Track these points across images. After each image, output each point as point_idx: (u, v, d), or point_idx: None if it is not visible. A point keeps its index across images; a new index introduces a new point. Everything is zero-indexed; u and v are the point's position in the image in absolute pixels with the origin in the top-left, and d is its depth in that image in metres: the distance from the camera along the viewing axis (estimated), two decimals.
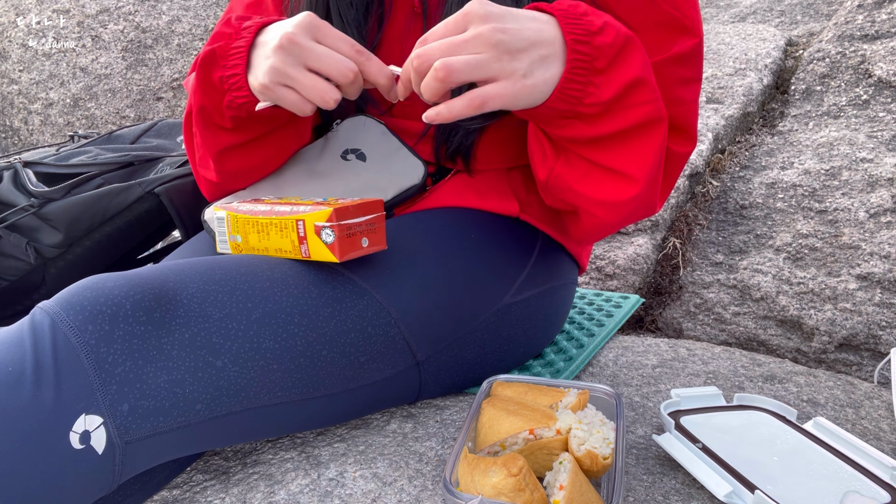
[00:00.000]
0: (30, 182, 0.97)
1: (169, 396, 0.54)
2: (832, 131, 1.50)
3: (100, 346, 0.51)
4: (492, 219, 0.80)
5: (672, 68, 0.70)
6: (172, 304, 0.55)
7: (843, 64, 1.63)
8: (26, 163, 1.01)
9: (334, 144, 0.79)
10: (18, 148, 2.20)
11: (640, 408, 0.80)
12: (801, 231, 1.30)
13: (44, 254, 0.95)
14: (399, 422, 0.74)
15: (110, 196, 0.96)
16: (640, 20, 0.69)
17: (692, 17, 0.70)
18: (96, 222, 0.96)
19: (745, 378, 0.88)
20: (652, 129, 0.62)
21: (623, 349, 1.00)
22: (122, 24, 2.13)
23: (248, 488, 0.62)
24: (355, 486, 0.61)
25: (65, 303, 0.52)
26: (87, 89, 2.11)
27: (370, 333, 0.65)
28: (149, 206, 0.98)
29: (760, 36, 1.93)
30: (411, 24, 0.74)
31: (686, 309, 1.33)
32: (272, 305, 0.60)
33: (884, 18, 1.64)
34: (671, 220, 1.48)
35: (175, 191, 0.98)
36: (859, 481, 0.59)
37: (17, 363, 0.49)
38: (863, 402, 0.84)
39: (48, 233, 0.94)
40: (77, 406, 0.49)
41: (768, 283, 1.26)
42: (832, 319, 1.16)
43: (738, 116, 1.67)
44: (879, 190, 1.29)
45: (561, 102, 0.58)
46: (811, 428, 0.68)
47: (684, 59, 0.70)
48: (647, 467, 0.66)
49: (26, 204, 0.94)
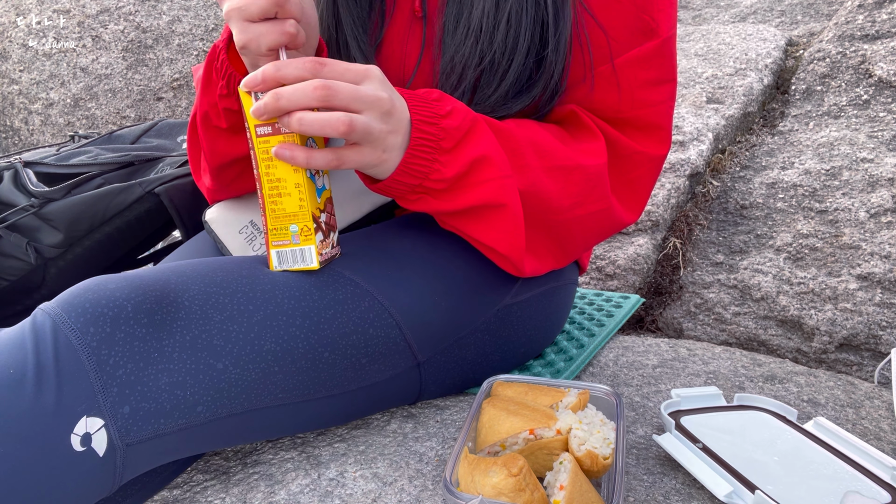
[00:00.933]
0: (30, 182, 0.97)
1: (170, 398, 0.54)
2: (833, 131, 1.50)
3: (101, 348, 0.51)
4: None
5: (632, 70, 0.71)
6: (174, 307, 0.56)
7: (843, 64, 1.63)
8: (27, 163, 1.01)
9: None
10: (19, 148, 2.20)
11: (641, 408, 0.80)
12: (802, 231, 1.30)
13: (44, 254, 0.95)
14: (399, 422, 0.74)
15: (110, 196, 0.96)
16: (608, 18, 0.70)
17: (657, 18, 0.70)
18: (96, 222, 0.96)
19: (745, 378, 0.88)
20: (504, 208, 0.65)
21: (623, 349, 1.00)
22: (123, 25, 2.13)
23: (249, 488, 0.62)
24: (355, 486, 0.61)
25: (66, 304, 0.52)
26: (88, 89, 2.11)
27: (371, 335, 0.65)
28: (149, 206, 0.98)
29: (761, 36, 1.93)
30: (411, 27, 0.74)
31: (686, 309, 1.33)
32: (273, 307, 0.60)
33: (884, 18, 1.64)
34: (671, 219, 1.48)
35: (175, 191, 0.98)
36: (860, 481, 0.59)
37: (19, 365, 0.49)
38: (863, 402, 0.84)
39: (48, 233, 0.95)
40: (78, 408, 0.49)
41: (769, 283, 1.26)
42: (832, 319, 1.16)
43: (738, 116, 1.67)
44: (880, 190, 1.29)
45: (407, 176, 0.61)
46: (811, 428, 0.68)
47: (644, 60, 0.71)
48: (648, 467, 0.66)
49: (27, 204, 0.94)
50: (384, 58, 0.75)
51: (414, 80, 0.74)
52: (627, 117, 0.73)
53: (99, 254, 1.00)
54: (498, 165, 0.63)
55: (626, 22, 0.70)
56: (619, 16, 0.70)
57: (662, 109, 0.73)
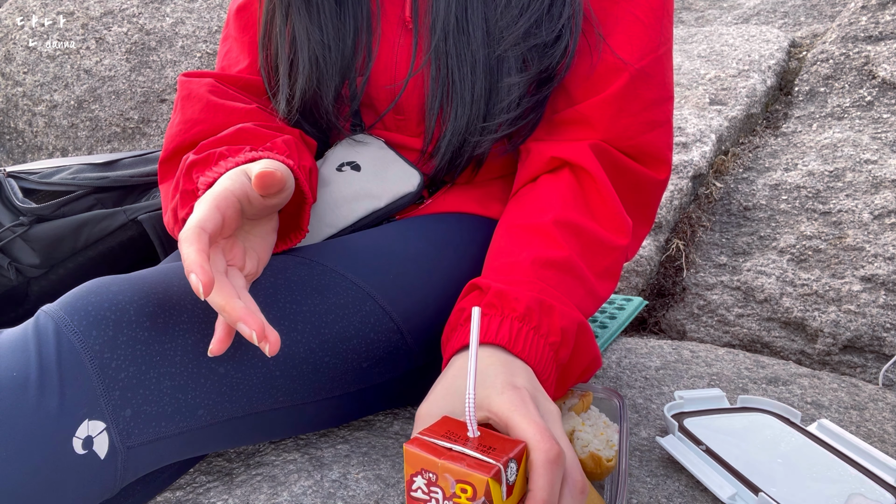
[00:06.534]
0: (16, 197, 0.93)
1: (171, 402, 0.54)
2: (836, 133, 1.50)
3: (104, 351, 0.51)
4: (493, 224, 0.80)
5: (610, 109, 0.69)
6: (176, 310, 0.56)
7: (846, 65, 1.63)
8: (11, 174, 0.97)
9: (332, 160, 0.79)
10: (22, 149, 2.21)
11: (644, 410, 0.79)
12: (805, 233, 1.30)
13: (25, 273, 0.93)
14: (402, 423, 0.74)
15: (93, 222, 0.93)
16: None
17: (620, 56, 0.69)
18: (78, 246, 0.93)
19: (748, 380, 0.88)
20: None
21: (626, 351, 1.00)
22: (126, 27, 2.14)
23: (252, 489, 0.62)
24: (358, 487, 0.61)
25: (69, 307, 0.52)
26: (91, 91, 2.11)
27: (373, 339, 0.65)
28: (132, 233, 0.95)
29: (764, 37, 1.93)
30: (401, 38, 0.74)
31: (689, 311, 1.32)
32: (275, 311, 0.60)
33: (888, 20, 1.64)
34: (674, 221, 1.48)
35: (160, 219, 0.94)
36: (863, 484, 0.59)
37: (22, 368, 0.49)
38: (867, 404, 0.83)
39: (28, 253, 0.92)
40: (80, 412, 0.49)
41: (772, 284, 1.25)
42: (836, 321, 1.16)
43: (741, 118, 1.67)
44: (884, 191, 1.28)
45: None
46: (815, 430, 0.68)
47: (620, 98, 0.69)
48: (651, 469, 0.66)
49: (15, 224, 0.92)
50: (378, 68, 0.75)
51: (406, 88, 0.74)
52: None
53: (82, 277, 0.98)
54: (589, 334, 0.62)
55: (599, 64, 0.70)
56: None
57: (653, 138, 0.73)
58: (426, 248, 0.73)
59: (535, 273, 0.60)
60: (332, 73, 0.74)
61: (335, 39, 0.73)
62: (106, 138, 2.13)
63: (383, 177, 0.77)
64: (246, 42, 0.81)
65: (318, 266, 0.66)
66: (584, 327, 0.60)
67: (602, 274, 0.66)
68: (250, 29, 0.81)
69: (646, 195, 0.74)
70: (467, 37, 0.69)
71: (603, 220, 0.68)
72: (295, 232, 0.67)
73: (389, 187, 0.76)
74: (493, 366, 0.52)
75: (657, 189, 0.75)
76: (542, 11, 0.67)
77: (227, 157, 0.61)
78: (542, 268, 0.61)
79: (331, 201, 0.76)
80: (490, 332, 0.55)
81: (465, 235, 0.77)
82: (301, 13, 0.72)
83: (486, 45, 0.69)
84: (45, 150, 2.18)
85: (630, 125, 0.70)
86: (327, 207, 0.76)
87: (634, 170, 0.71)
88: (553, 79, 0.70)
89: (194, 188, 0.62)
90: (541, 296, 0.57)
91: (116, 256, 0.96)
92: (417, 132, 0.77)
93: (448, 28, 0.69)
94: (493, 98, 0.70)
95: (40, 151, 2.19)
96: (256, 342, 0.49)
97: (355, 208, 0.76)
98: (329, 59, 0.74)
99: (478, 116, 0.70)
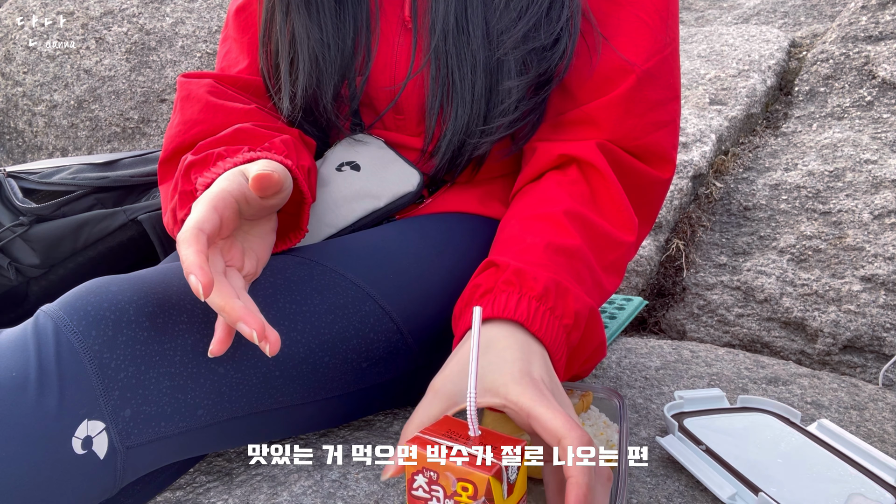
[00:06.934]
0: (15, 197, 0.93)
1: (171, 402, 0.54)
2: (836, 133, 1.50)
3: (103, 351, 0.51)
4: (494, 224, 0.80)
5: (616, 111, 0.69)
6: (175, 310, 0.55)
7: (846, 65, 1.63)
8: (11, 174, 0.97)
9: (332, 160, 0.79)
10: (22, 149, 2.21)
11: (644, 410, 0.79)
12: (805, 233, 1.30)
13: (25, 273, 0.93)
14: (402, 423, 0.74)
15: (93, 222, 0.93)
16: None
17: (626, 58, 0.69)
18: (78, 246, 0.93)
19: (748, 380, 0.88)
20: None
21: (626, 351, 1.00)
22: (126, 27, 2.14)
23: (252, 489, 0.62)
24: (358, 487, 0.61)
25: (68, 307, 0.52)
26: (91, 91, 2.11)
27: (372, 339, 0.65)
28: (132, 233, 0.95)
29: (764, 37, 1.93)
30: (401, 38, 0.74)
31: (689, 311, 1.32)
32: (275, 311, 0.60)
33: (888, 20, 1.64)
34: (674, 221, 1.48)
35: (160, 219, 0.94)
36: (863, 484, 0.59)
37: (22, 368, 0.49)
38: (867, 404, 0.83)
39: (28, 253, 0.92)
40: (80, 412, 0.49)
41: (772, 284, 1.25)
42: (836, 321, 1.16)
43: (741, 118, 1.67)
44: (884, 191, 1.28)
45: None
46: (815, 430, 0.68)
47: (627, 100, 0.69)
48: (651, 469, 0.66)
49: (15, 224, 0.92)
50: (377, 69, 0.75)
51: (405, 87, 0.74)
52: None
53: (82, 277, 0.98)
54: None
55: (606, 68, 0.70)
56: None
57: (656, 139, 0.73)
58: (426, 247, 0.73)
59: (549, 257, 0.60)
60: (331, 72, 0.74)
61: (335, 38, 0.73)
62: (106, 138, 2.13)
63: (383, 176, 0.77)
64: (245, 42, 0.81)
65: (318, 266, 0.65)
66: (594, 313, 0.61)
67: (608, 268, 0.67)
68: (249, 29, 0.81)
69: (650, 194, 0.74)
70: (467, 36, 0.69)
71: (610, 215, 0.68)
72: (294, 232, 0.67)
73: (389, 187, 0.76)
74: (510, 349, 0.52)
75: (661, 188, 0.75)
76: (540, 15, 0.67)
77: (225, 157, 0.61)
78: (555, 253, 0.61)
79: (330, 201, 0.76)
80: (509, 308, 0.55)
81: (465, 235, 0.77)
82: (301, 11, 0.72)
83: (486, 46, 0.69)
84: (45, 149, 2.18)
85: (636, 126, 0.70)
86: (327, 207, 0.76)
87: (639, 169, 0.71)
88: (552, 81, 0.70)
89: (193, 189, 0.62)
90: (557, 277, 0.58)
91: (116, 256, 0.96)
92: (417, 132, 0.77)
93: (447, 28, 0.69)
94: (492, 99, 0.70)
95: (40, 151, 2.19)
96: (257, 342, 0.49)
97: (355, 208, 0.76)
98: (329, 57, 0.74)
99: (478, 116, 0.70)
